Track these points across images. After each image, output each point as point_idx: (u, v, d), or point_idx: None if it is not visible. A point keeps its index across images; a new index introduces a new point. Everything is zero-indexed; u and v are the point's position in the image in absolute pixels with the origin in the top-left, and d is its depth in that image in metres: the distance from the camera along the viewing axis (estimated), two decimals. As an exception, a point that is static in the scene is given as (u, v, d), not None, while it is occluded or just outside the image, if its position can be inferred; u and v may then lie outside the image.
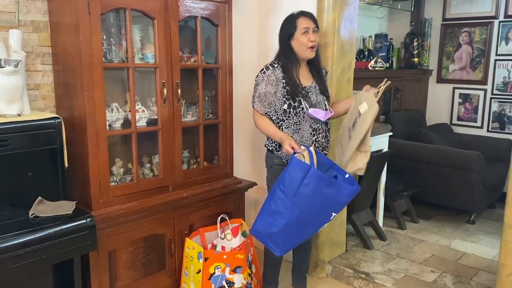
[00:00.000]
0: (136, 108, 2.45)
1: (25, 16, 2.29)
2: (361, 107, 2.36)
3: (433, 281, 2.95)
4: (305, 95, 2.46)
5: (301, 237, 2.26)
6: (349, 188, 2.21)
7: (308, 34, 2.40)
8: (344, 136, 2.51)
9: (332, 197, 2.18)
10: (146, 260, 2.55)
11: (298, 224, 2.16)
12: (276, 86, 2.43)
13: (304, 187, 2.11)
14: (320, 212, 2.20)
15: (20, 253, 1.88)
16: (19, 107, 2.10)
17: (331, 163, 2.36)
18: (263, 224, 2.20)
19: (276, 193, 2.18)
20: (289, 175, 2.15)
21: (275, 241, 2.19)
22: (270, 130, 2.45)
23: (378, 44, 4.59)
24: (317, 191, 2.13)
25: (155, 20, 2.39)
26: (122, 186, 2.43)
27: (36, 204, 2.09)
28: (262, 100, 2.45)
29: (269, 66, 2.47)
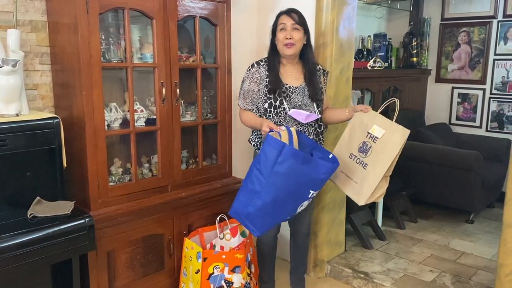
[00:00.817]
0: (134, 108, 2.45)
1: (23, 15, 2.28)
2: (374, 131, 2.27)
3: (432, 280, 2.95)
4: (288, 95, 2.42)
5: (280, 216, 2.24)
6: (325, 165, 2.18)
7: (285, 31, 2.38)
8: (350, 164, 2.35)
9: (309, 175, 2.16)
10: (145, 260, 2.55)
11: (275, 203, 2.14)
12: (259, 84, 2.43)
13: (279, 165, 2.10)
14: (297, 190, 2.18)
15: (18, 253, 1.87)
16: (18, 107, 2.10)
17: (315, 144, 2.36)
18: (241, 204, 2.20)
19: (253, 172, 2.17)
20: (264, 153, 2.14)
21: (253, 221, 2.18)
22: (251, 120, 2.44)
23: (377, 43, 4.59)
24: (293, 169, 2.11)
25: (153, 20, 2.39)
26: (120, 186, 2.43)
27: (34, 204, 2.09)
28: (245, 97, 2.47)
29: (254, 64, 2.48)
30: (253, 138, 2.56)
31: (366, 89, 4.26)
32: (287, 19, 2.38)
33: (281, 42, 2.39)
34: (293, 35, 2.37)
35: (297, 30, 2.38)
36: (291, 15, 2.39)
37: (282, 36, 2.38)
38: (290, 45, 2.38)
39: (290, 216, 2.30)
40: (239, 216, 2.22)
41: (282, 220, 2.34)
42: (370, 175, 2.28)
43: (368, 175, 2.28)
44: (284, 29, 2.38)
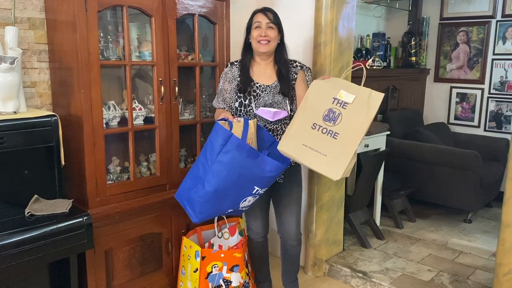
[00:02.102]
0: (133, 106, 2.44)
1: (21, 13, 2.27)
2: (342, 96, 2.04)
3: (430, 280, 2.95)
4: (258, 94, 2.39)
5: (221, 206, 2.22)
6: (272, 163, 2.12)
7: (260, 29, 2.36)
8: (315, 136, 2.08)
9: (253, 170, 2.12)
10: (143, 259, 2.54)
11: (216, 193, 2.13)
12: (231, 84, 2.44)
13: (223, 155, 2.10)
14: (241, 183, 2.14)
15: (16, 251, 1.86)
16: (15, 104, 2.08)
17: (273, 139, 2.34)
18: (185, 187, 2.23)
19: (200, 158, 2.20)
20: (210, 141, 2.16)
21: (192, 206, 2.20)
22: (217, 115, 2.45)
23: (376, 43, 4.59)
24: (237, 161, 2.10)
25: (152, 18, 2.38)
26: (119, 185, 2.42)
27: (32, 203, 2.08)
28: (218, 96, 2.49)
29: (228, 64, 2.51)
30: None
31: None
32: (262, 17, 2.38)
33: (255, 40, 2.38)
34: (268, 33, 2.36)
35: (271, 28, 2.37)
36: (266, 13, 2.38)
37: (257, 34, 2.37)
38: (264, 42, 2.37)
39: (232, 210, 2.28)
40: (181, 199, 2.25)
41: (223, 213, 2.32)
42: (343, 144, 2.02)
43: (341, 145, 2.02)
44: (259, 27, 2.37)
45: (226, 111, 2.42)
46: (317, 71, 2.88)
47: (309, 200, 3.05)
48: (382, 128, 3.81)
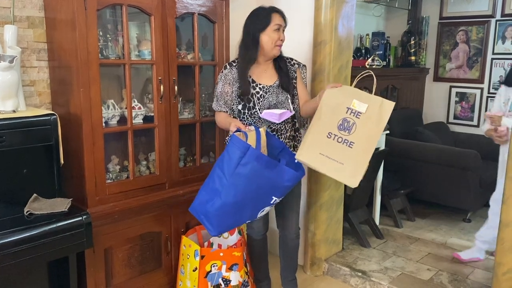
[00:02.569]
0: (132, 105, 2.44)
1: (21, 11, 2.27)
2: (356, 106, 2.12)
3: (429, 279, 2.95)
4: (262, 95, 2.36)
5: (239, 218, 2.20)
6: (291, 173, 2.13)
7: (279, 32, 2.33)
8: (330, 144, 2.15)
9: (272, 180, 2.11)
10: (142, 258, 2.54)
11: (234, 205, 2.11)
12: (233, 86, 2.37)
13: (241, 167, 2.06)
14: (259, 195, 2.13)
15: (15, 250, 1.86)
16: (14, 103, 2.08)
17: (283, 146, 2.32)
18: (201, 201, 2.17)
19: (215, 171, 2.14)
20: (227, 153, 2.11)
21: (210, 220, 2.15)
22: (222, 121, 2.40)
23: (375, 42, 4.59)
24: (256, 172, 2.07)
25: (151, 17, 2.38)
26: (118, 184, 2.42)
27: (31, 201, 2.08)
28: (218, 100, 2.41)
29: (227, 65, 2.41)
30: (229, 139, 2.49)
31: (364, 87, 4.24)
32: (281, 20, 2.33)
33: (273, 42, 2.32)
34: (283, 37, 2.36)
35: (283, 31, 2.36)
36: (283, 16, 2.34)
37: (277, 37, 2.32)
38: (280, 46, 2.36)
39: (250, 220, 2.27)
40: (197, 214, 2.20)
41: (241, 224, 2.30)
42: (359, 153, 2.11)
43: (357, 154, 2.11)
44: (279, 29, 2.32)
45: (235, 118, 2.36)
46: (316, 70, 2.88)
47: (308, 199, 3.04)
48: (381, 128, 3.80)
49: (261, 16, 2.32)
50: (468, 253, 3.18)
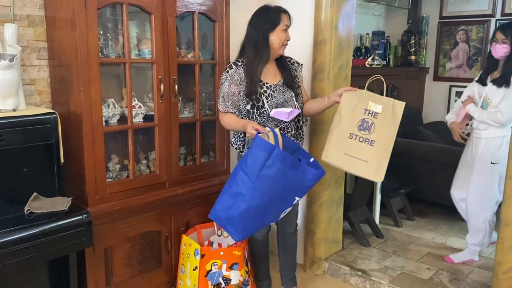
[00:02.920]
0: (132, 104, 2.44)
1: (21, 10, 2.27)
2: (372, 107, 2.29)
3: (429, 278, 2.95)
4: (270, 94, 2.36)
5: (262, 222, 2.19)
6: (313, 172, 2.14)
7: (286, 32, 2.34)
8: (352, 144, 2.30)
9: (296, 180, 2.11)
10: (143, 257, 2.54)
11: (259, 208, 2.08)
12: (240, 86, 2.34)
13: (267, 169, 2.04)
14: (282, 196, 2.13)
15: (15, 249, 1.86)
16: (15, 102, 2.08)
17: (297, 146, 2.31)
18: (223, 207, 2.13)
19: (238, 174, 2.10)
20: (252, 155, 2.07)
21: (234, 225, 2.11)
22: (232, 122, 2.36)
23: (375, 41, 4.59)
24: (281, 174, 2.05)
25: (152, 15, 2.38)
26: (118, 183, 2.42)
27: (31, 200, 2.08)
28: (225, 100, 2.36)
29: (232, 65, 2.36)
30: (235, 141, 2.48)
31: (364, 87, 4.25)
32: (288, 20, 2.34)
33: (281, 42, 2.33)
34: (289, 36, 2.37)
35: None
36: (289, 15, 2.35)
37: (284, 37, 2.33)
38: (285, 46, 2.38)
39: (272, 222, 2.25)
40: (219, 219, 2.15)
41: (264, 226, 2.28)
42: (380, 150, 2.28)
43: (379, 151, 2.28)
44: (286, 30, 2.33)
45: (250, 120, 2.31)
46: (316, 70, 2.88)
47: (308, 198, 3.04)
48: (381, 127, 3.80)
49: (271, 16, 2.32)
50: (460, 256, 3.16)
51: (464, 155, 3.11)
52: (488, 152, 2.89)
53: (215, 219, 2.17)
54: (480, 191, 2.96)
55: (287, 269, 2.72)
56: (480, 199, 2.97)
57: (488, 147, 2.90)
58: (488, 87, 2.91)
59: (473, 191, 2.99)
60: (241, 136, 2.45)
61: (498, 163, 2.88)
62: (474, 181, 2.97)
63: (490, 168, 2.90)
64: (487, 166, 2.91)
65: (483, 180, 2.93)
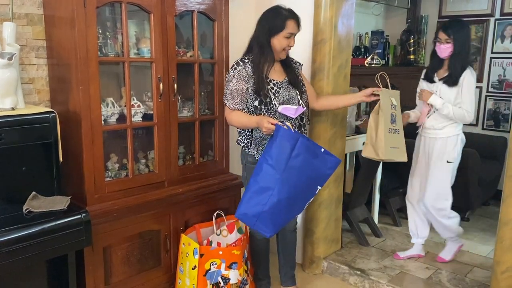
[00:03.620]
0: (131, 103, 2.43)
1: (19, 8, 2.26)
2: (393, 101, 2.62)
3: (428, 277, 2.95)
4: (276, 90, 2.38)
5: (291, 214, 2.21)
6: (332, 159, 2.20)
7: (290, 39, 2.34)
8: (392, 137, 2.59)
9: (318, 169, 2.15)
10: (141, 256, 2.53)
11: (288, 200, 2.11)
12: (248, 82, 2.35)
13: (293, 159, 2.07)
14: (308, 186, 2.16)
15: (13, 248, 1.85)
16: (13, 101, 2.07)
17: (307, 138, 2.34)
18: (250, 205, 2.13)
19: (262, 169, 2.11)
20: (277, 147, 2.08)
21: (264, 221, 2.12)
22: (243, 120, 2.36)
23: (375, 41, 4.58)
24: (306, 163, 2.09)
25: (151, 14, 2.37)
26: (117, 182, 2.41)
27: (30, 199, 2.07)
28: (234, 97, 2.36)
29: (239, 62, 2.37)
30: (241, 139, 2.47)
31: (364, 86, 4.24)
32: (294, 28, 2.32)
33: (282, 47, 2.34)
34: (293, 43, 2.37)
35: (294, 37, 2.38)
36: (298, 23, 2.33)
37: (286, 44, 2.33)
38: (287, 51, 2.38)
39: (298, 214, 2.28)
40: (248, 218, 2.15)
41: (292, 218, 2.29)
42: (402, 135, 2.65)
43: (402, 136, 2.64)
44: (290, 37, 2.33)
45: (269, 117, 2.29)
46: (316, 69, 2.88)
47: (307, 197, 3.04)
48: (380, 126, 3.81)
49: (277, 21, 2.31)
50: (449, 251, 3.19)
51: (415, 157, 3.10)
52: (445, 151, 2.91)
53: (243, 218, 2.18)
54: (437, 191, 2.97)
55: (286, 268, 2.72)
56: (436, 199, 2.98)
57: (444, 146, 2.92)
58: (438, 85, 2.91)
59: (430, 191, 2.98)
60: (248, 134, 2.45)
61: (453, 162, 2.92)
62: (431, 180, 2.96)
63: (446, 167, 2.92)
64: (444, 165, 2.92)
65: (439, 179, 2.94)
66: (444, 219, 3.02)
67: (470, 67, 2.85)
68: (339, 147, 3.08)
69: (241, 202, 2.18)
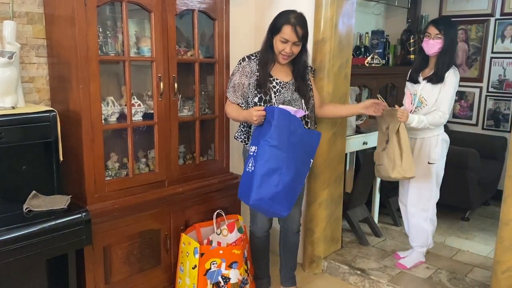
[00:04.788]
0: (132, 102, 2.43)
1: (20, 7, 2.26)
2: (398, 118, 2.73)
3: (428, 277, 2.95)
4: (278, 90, 2.39)
5: (298, 189, 2.28)
6: (316, 132, 2.35)
7: (285, 44, 2.30)
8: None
9: (308, 142, 2.25)
10: (142, 256, 2.53)
11: (296, 176, 2.19)
12: (250, 78, 2.40)
13: (292, 136, 2.15)
14: (305, 159, 2.26)
15: (14, 247, 1.85)
16: (13, 99, 2.07)
17: None
18: (263, 189, 2.14)
19: (266, 152, 2.14)
20: (276, 127, 2.13)
21: (280, 201, 2.17)
22: (234, 114, 2.42)
23: (375, 40, 4.58)
24: (300, 137, 2.18)
25: (151, 13, 2.37)
26: (117, 181, 2.41)
27: (30, 198, 2.07)
28: (236, 91, 2.43)
29: (245, 58, 2.44)
30: (239, 135, 2.54)
31: (364, 85, 4.25)
32: (291, 35, 2.27)
33: (277, 50, 2.34)
34: (293, 50, 2.32)
35: (297, 45, 2.33)
36: (296, 30, 2.26)
37: (282, 48, 2.31)
38: (286, 57, 2.35)
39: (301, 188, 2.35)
40: (263, 201, 2.16)
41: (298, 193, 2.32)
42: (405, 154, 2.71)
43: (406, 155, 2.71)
44: (286, 43, 2.30)
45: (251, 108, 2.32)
46: (316, 68, 2.87)
47: (308, 197, 3.04)
48: (380, 126, 3.81)
49: (278, 22, 2.32)
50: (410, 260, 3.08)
51: None
52: (425, 152, 2.86)
53: (260, 203, 2.18)
54: (418, 192, 2.93)
55: (286, 268, 2.72)
56: (418, 199, 2.94)
57: (423, 147, 2.87)
58: (422, 85, 2.86)
59: (412, 193, 2.94)
60: (244, 130, 2.50)
61: (435, 163, 2.87)
62: (413, 180, 2.88)
63: (428, 169, 2.88)
64: (425, 166, 2.87)
65: (421, 180, 2.87)
66: (425, 222, 2.96)
67: (454, 67, 2.79)
68: (339, 147, 3.08)
69: (251, 189, 2.16)
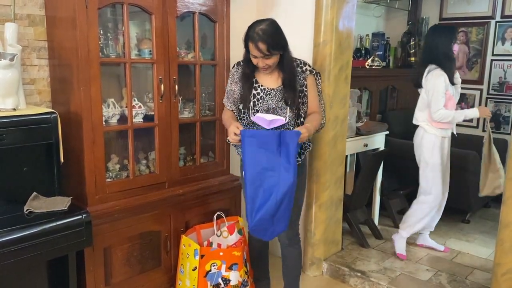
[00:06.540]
0: (132, 104, 2.44)
1: (21, 9, 2.27)
2: None
3: (428, 279, 2.95)
4: (262, 97, 2.31)
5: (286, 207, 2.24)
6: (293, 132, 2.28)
7: (256, 59, 2.21)
8: None
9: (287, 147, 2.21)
10: (142, 257, 2.53)
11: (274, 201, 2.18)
12: (237, 85, 2.36)
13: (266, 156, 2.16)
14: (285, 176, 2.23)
15: (14, 249, 1.86)
16: (15, 101, 2.08)
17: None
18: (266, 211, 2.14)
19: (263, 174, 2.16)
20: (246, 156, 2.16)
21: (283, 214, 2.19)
22: (225, 122, 2.37)
23: (375, 43, 4.59)
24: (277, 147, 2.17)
25: (152, 15, 2.37)
26: (118, 182, 2.41)
27: (31, 200, 2.07)
28: (228, 97, 2.42)
29: (235, 64, 2.42)
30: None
31: (364, 88, 4.26)
32: (255, 51, 2.17)
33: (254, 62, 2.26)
34: (266, 62, 2.22)
35: (268, 57, 2.19)
36: (258, 47, 2.15)
37: (255, 62, 2.24)
38: (264, 69, 2.27)
39: None
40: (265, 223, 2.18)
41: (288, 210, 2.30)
42: None
43: None
44: (256, 58, 2.22)
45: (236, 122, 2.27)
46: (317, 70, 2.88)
47: (308, 199, 3.04)
48: (381, 128, 3.82)
49: (245, 37, 2.22)
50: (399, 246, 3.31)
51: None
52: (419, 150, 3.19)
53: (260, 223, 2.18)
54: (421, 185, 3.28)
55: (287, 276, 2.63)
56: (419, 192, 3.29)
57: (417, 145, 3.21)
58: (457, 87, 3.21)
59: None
60: None
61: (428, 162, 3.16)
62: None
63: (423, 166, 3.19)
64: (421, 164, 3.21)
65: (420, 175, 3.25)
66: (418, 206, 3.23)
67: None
68: (339, 149, 3.08)
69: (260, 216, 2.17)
